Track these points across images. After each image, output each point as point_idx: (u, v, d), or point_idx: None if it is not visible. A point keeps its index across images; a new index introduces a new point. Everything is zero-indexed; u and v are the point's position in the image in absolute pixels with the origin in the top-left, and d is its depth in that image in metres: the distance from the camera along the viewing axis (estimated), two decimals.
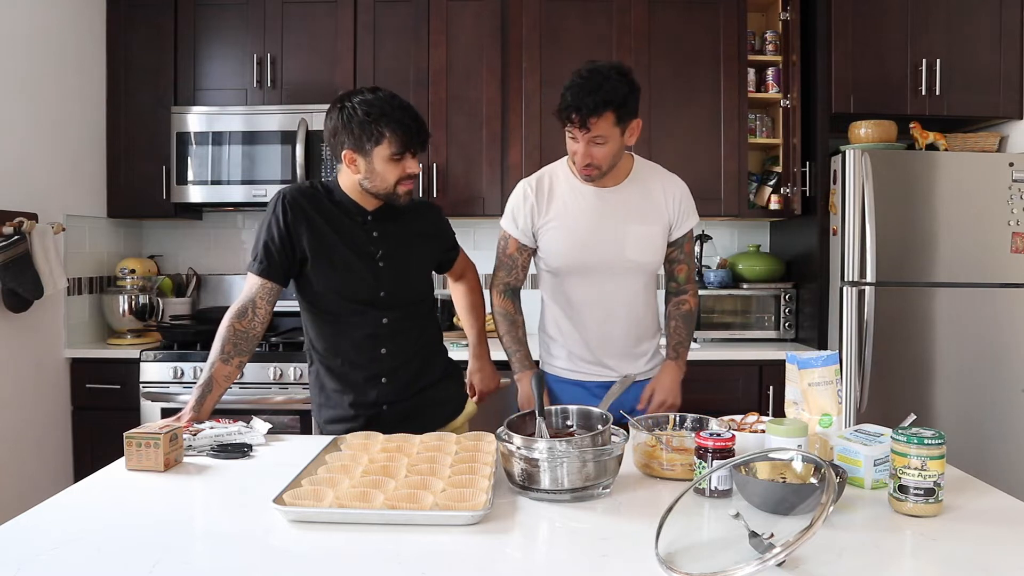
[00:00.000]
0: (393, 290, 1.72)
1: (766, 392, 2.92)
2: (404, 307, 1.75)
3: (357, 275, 1.69)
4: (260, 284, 1.68)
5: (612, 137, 1.74)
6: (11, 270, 2.55)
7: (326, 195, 1.72)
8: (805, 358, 1.38)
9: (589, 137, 1.73)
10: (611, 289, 1.90)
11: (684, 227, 1.95)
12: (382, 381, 1.73)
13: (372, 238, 1.71)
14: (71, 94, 2.99)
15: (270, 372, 2.86)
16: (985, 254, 2.88)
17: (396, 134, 1.59)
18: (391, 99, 1.62)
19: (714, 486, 1.21)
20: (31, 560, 0.98)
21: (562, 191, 1.90)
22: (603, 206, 1.87)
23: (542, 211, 1.89)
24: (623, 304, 1.92)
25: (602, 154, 1.76)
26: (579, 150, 1.76)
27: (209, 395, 1.63)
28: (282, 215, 1.66)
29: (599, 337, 1.93)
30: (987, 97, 3.04)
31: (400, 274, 1.73)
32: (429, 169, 3.16)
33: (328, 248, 1.68)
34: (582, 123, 1.70)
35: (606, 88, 1.68)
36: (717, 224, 3.52)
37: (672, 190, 1.92)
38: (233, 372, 1.67)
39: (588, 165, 1.78)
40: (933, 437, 1.13)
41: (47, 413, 2.86)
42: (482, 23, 3.15)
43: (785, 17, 3.18)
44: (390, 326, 1.73)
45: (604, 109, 1.69)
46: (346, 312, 1.70)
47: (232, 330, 1.66)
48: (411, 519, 1.09)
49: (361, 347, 1.72)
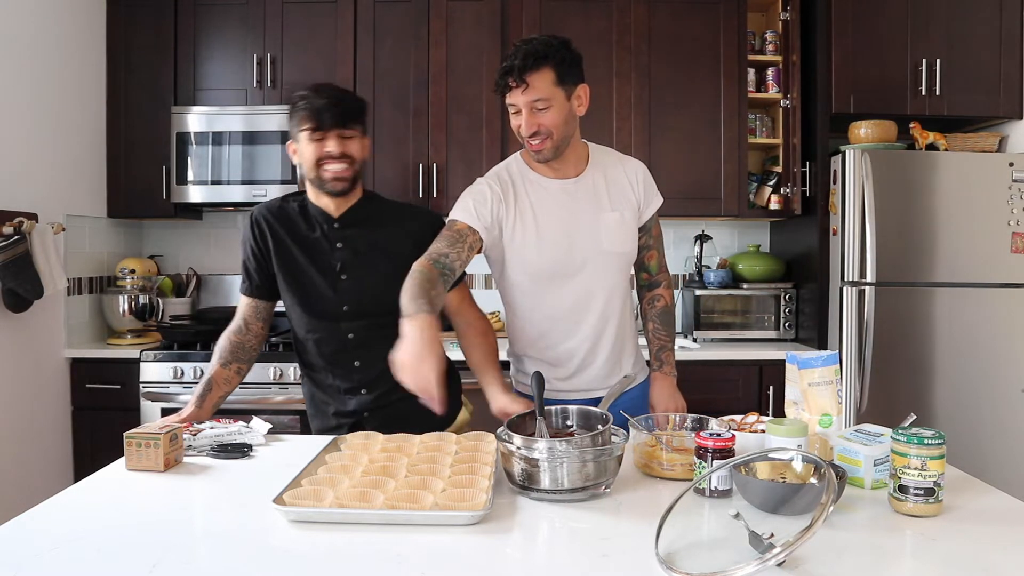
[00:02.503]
0: (356, 306, 1.66)
1: (766, 392, 2.92)
2: (373, 318, 1.66)
3: (319, 290, 1.67)
4: (248, 303, 1.75)
5: (556, 99, 1.61)
6: (11, 270, 2.55)
7: (298, 208, 1.71)
8: (805, 358, 1.38)
9: (530, 100, 1.59)
10: (593, 289, 1.73)
11: (651, 208, 1.80)
12: (361, 392, 1.70)
13: (335, 249, 1.67)
14: (71, 94, 2.99)
15: (270, 372, 2.86)
16: (985, 254, 2.88)
17: (307, 110, 1.59)
18: (324, 87, 1.63)
19: (714, 486, 1.21)
20: (31, 560, 0.98)
21: (524, 188, 1.72)
22: (570, 198, 1.72)
23: (509, 208, 1.68)
24: (606, 303, 1.74)
25: (548, 119, 1.61)
26: (523, 121, 1.62)
27: (209, 394, 1.68)
28: (251, 235, 1.72)
29: (587, 344, 1.75)
30: (987, 97, 3.04)
31: (363, 288, 1.66)
32: (429, 169, 3.16)
33: (291, 264, 1.68)
34: (518, 78, 1.57)
35: (542, 47, 1.59)
36: (717, 224, 3.52)
37: (634, 171, 1.79)
38: (232, 376, 1.71)
39: (536, 134, 1.62)
40: (933, 437, 1.13)
41: (47, 413, 2.86)
42: (482, 23, 3.15)
43: (785, 17, 3.18)
44: (358, 339, 1.68)
45: (540, 63, 1.58)
46: (313, 327, 1.69)
47: (228, 341, 1.73)
48: (411, 519, 1.09)
49: (334, 360, 1.70)
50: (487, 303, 3.48)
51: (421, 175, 3.16)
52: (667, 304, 1.89)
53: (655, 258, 1.87)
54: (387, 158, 3.17)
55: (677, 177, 3.13)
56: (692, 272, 3.40)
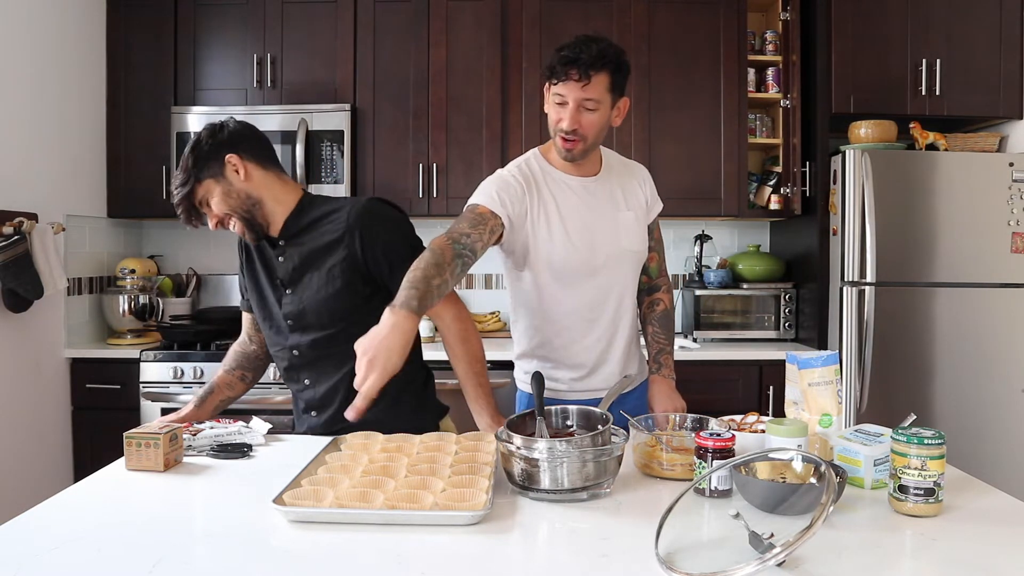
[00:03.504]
0: (297, 320, 1.61)
1: (766, 392, 2.92)
2: (316, 332, 1.60)
3: (269, 305, 1.66)
4: (248, 318, 1.79)
5: (603, 105, 1.61)
6: (11, 270, 2.55)
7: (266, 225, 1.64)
8: (805, 358, 1.38)
9: (582, 98, 1.58)
10: (610, 287, 1.75)
11: (654, 211, 1.85)
12: (312, 414, 1.67)
13: (278, 263, 1.63)
14: (71, 94, 2.99)
15: (270, 372, 2.85)
16: (985, 254, 2.88)
17: None
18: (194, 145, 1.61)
19: (714, 486, 1.21)
20: (31, 560, 0.98)
21: (547, 183, 1.72)
22: (592, 197, 1.74)
23: (533, 201, 1.67)
24: (622, 301, 1.78)
25: (589, 122, 1.62)
26: (567, 115, 1.60)
27: (210, 395, 1.72)
28: (239, 253, 1.75)
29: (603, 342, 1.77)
30: (987, 97, 3.04)
31: (301, 301, 1.60)
32: (429, 169, 3.16)
33: (254, 279, 1.69)
34: (582, 73, 1.55)
35: (604, 47, 1.59)
36: (717, 224, 3.52)
37: (640, 174, 1.85)
38: (235, 382, 1.76)
39: (573, 132, 1.61)
40: (933, 437, 1.13)
41: (47, 413, 2.86)
42: (482, 23, 3.15)
43: (785, 17, 3.18)
44: (303, 356, 1.63)
45: (604, 65, 1.58)
46: (269, 343, 1.71)
47: (234, 351, 1.80)
48: (411, 519, 1.09)
49: (288, 377, 1.70)
50: (487, 303, 3.50)
51: (421, 175, 3.16)
52: (667, 308, 1.90)
53: (655, 261, 1.89)
54: (387, 158, 3.17)
55: (677, 177, 3.13)
56: (692, 272, 3.39)
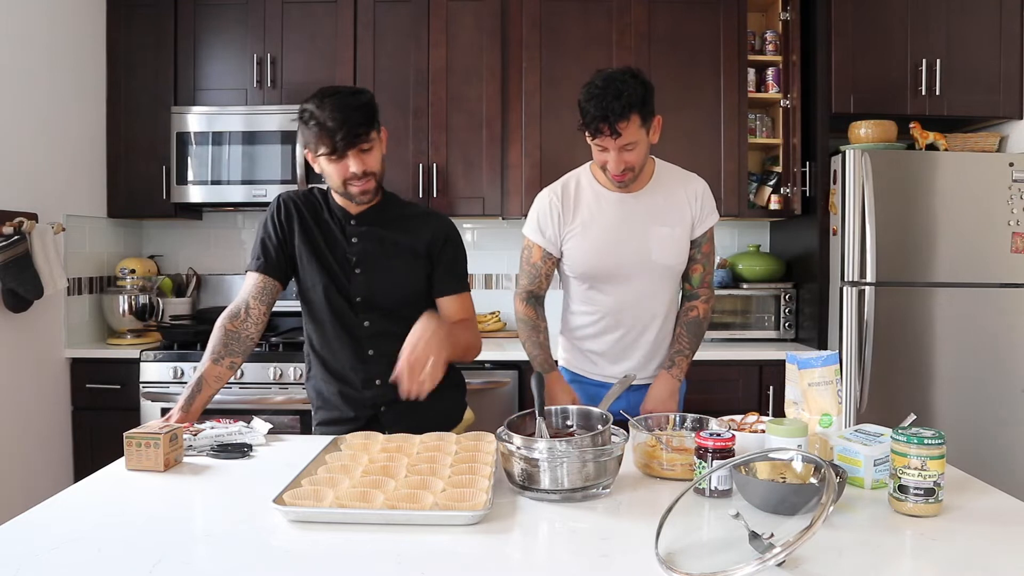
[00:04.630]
0: (367, 300, 1.71)
1: (766, 392, 2.92)
2: (386, 311, 1.72)
3: (335, 279, 1.71)
4: (256, 282, 1.70)
5: (640, 139, 1.76)
6: (11, 270, 2.55)
7: (322, 201, 1.75)
8: (805, 358, 1.38)
9: (620, 144, 1.73)
10: (640, 292, 1.90)
11: (704, 225, 1.94)
12: (376, 383, 1.72)
13: (351, 244, 1.71)
14: (71, 94, 2.99)
15: (270, 372, 2.86)
16: (985, 254, 2.88)
17: (319, 136, 1.57)
18: (327, 99, 1.58)
19: (714, 486, 1.21)
20: (31, 560, 0.98)
21: (587, 198, 1.90)
22: (626, 210, 1.88)
23: (568, 219, 1.89)
24: (650, 308, 1.92)
25: (634, 158, 1.77)
26: (611, 159, 1.77)
27: (199, 395, 1.61)
28: (276, 213, 1.72)
29: (626, 341, 1.93)
30: (987, 97, 3.04)
31: (373, 283, 1.71)
32: (429, 169, 3.16)
33: (313, 250, 1.71)
34: (612, 130, 1.70)
35: (627, 92, 1.69)
36: (717, 224, 3.50)
37: (693, 188, 1.93)
38: (224, 373, 1.65)
39: (624, 171, 1.78)
40: (933, 437, 1.13)
41: (47, 413, 2.86)
42: (482, 23, 3.15)
43: (785, 17, 3.18)
44: (371, 328, 1.71)
45: (630, 112, 1.69)
46: (331, 314, 1.72)
47: (223, 331, 1.67)
48: (411, 519, 1.09)
49: (352, 349, 1.73)
50: (487, 303, 3.50)
51: (421, 175, 3.16)
52: (699, 316, 1.98)
53: (699, 272, 1.98)
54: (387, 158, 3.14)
55: None
56: None
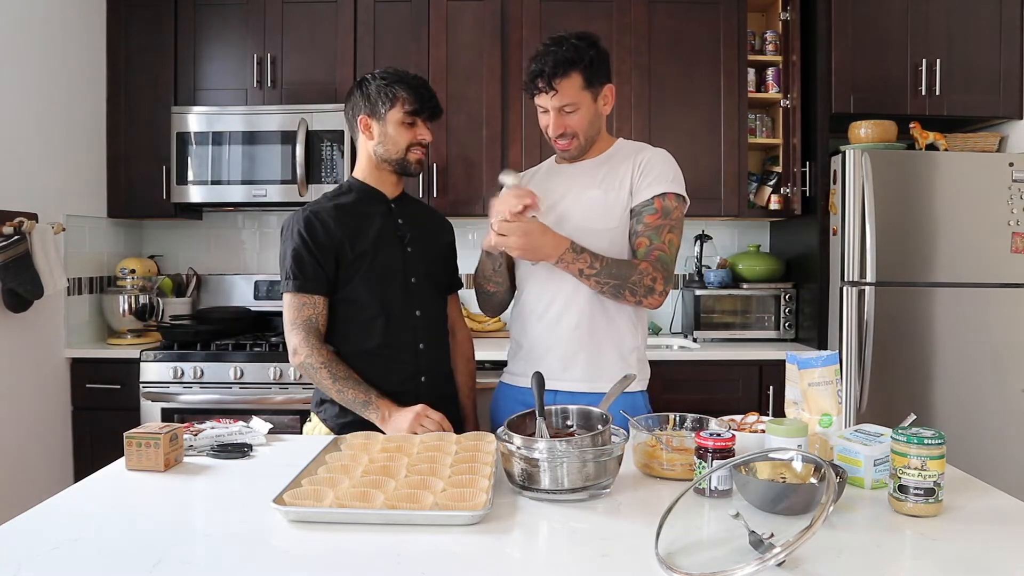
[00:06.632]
0: (423, 275, 1.75)
1: (766, 392, 2.92)
2: (434, 298, 1.78)
3: (390, 262, 1.71)
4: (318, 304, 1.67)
5: (583, 103, 1.65)
6: (11, 270, 2.55)
7: (346, 192, 1.76)
8: (805, 358, 1.38)
9: (558, 105, 1.64)
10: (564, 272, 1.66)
11: (644, 193, 1.68)
12: (421, 380, 1.72)
13: (399, 225, 1.75)
14: (71, 94, 2.99)
15: (270, 372, 2.85)
16: (985, 254, 2.88)
17: (409, 96, 1.68)
18: (408, 72, 1.75)
19: (714, 486, 1.21)
20: (31, 560, 0.98)
21: (540, 176, 1.83)
22: (567, 179, 1.76)
23: None
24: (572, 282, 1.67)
25: (575, 122, 1.67)
26: (550, 121, 1.67)
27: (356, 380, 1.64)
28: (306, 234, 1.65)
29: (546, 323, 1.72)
30: (987, 97, 3.04)
31: (428, 257, 1.78)
32: (429, 169, 3.16)
33: (364, 243, 1.68)
34: (547, 84, 1.62)
35: (567, 48, 1.62)
36: (717, 224, 3.52)
37: (641, 156, 1.71)
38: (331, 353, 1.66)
39: (563, 135, 1.68)
40: (933, 437, 1.13)
41: (47, 413, 2.86)
42: (482, 23, 3.15)
43: (785, 17, 3.18)
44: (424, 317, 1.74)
45: (569, 68, 1.61)
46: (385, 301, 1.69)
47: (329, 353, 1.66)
48: (411, 519, 1.09)
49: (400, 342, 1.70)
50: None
51: (421, 175, 3.15)
52: (635, 263, 1.67)
53: (644, 246, 1.69)
54: None
55: None
56: (692, 272, 3.39)
